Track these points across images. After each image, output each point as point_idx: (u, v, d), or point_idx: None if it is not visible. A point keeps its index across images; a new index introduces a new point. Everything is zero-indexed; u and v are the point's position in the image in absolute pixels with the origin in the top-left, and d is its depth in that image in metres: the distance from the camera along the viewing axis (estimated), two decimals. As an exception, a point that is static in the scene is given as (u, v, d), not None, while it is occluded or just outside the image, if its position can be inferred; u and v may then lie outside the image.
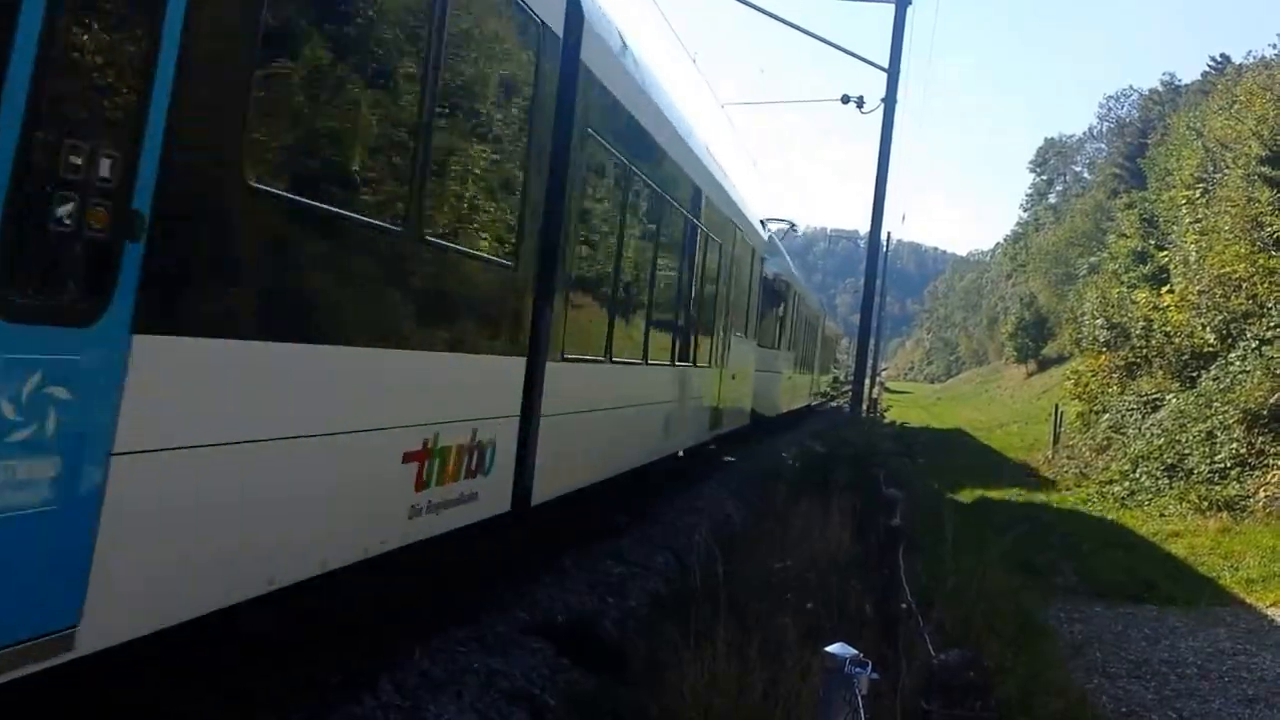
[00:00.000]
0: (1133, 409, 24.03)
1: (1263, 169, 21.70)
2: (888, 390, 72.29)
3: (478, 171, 5.52)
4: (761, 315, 18.97)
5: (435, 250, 4.90)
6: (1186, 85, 61.36)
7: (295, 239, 3.86)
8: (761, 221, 18.56)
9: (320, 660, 5.20)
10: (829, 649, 3.32)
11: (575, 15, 6.66)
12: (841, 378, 66.88)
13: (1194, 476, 17.72)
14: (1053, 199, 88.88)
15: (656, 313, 10.01)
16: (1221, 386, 19.79)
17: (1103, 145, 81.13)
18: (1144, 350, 26.19)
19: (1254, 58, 37.73)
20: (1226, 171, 24.71)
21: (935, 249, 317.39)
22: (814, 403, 38.10)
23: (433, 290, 4.99)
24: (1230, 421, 18.03)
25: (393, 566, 4.88)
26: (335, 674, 5.19)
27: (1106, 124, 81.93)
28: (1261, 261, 20.30)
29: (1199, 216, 25.47)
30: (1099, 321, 31.04)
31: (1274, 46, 32.44)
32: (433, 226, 4.87)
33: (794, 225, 29.26)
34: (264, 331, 3.66)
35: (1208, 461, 17.75)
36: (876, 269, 19.43)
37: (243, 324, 3.55)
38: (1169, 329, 24.50)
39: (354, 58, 4.17)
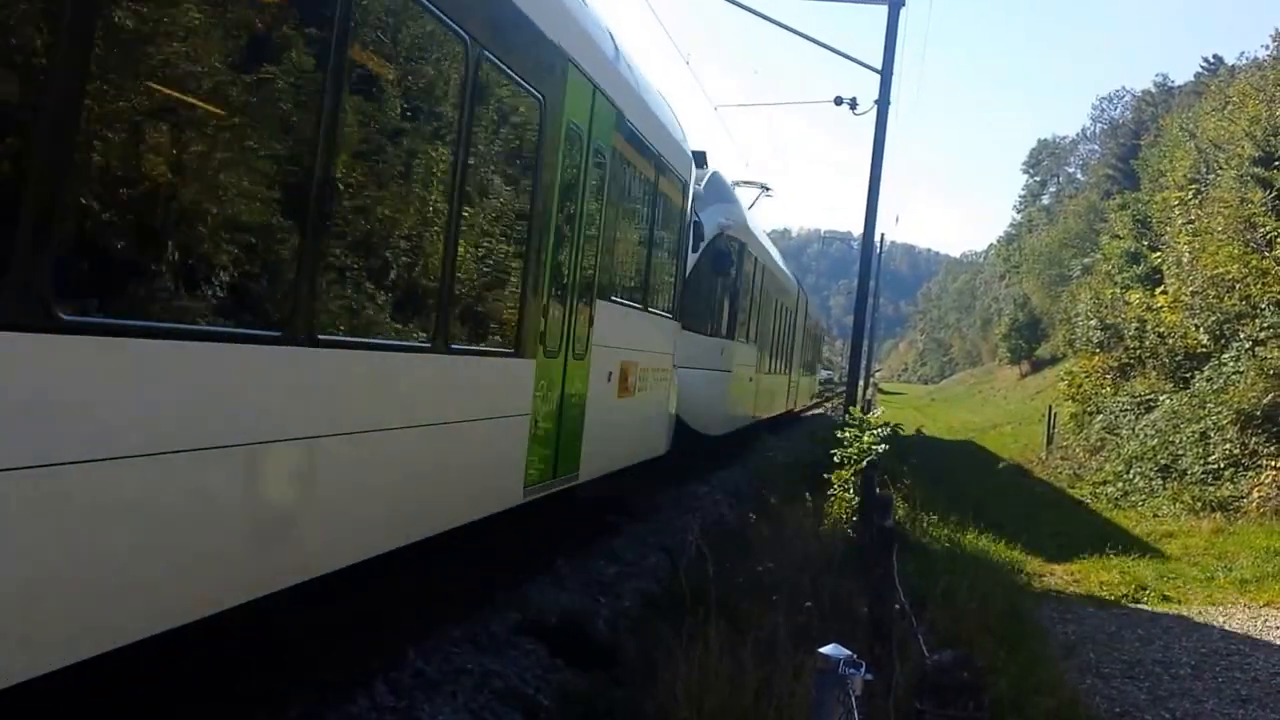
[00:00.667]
0: (1126, 410, 24.09)
1: (1255, 170, 21.74)
2: (881, 392, 72.42)
3: None
4: (699, 287, 13.50)
5: None
6: (1179, 86, 61.70)
7: None
8: (700, 153, 12.27)
9: (316, 661, 5.19)
10: (823, 650, 3.31)
11: None
12: (837, 379, 66.94)
13: (1188, 477, 17.78)
14: (1046, 200, 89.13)
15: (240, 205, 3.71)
16: (1215, 387, 19.83)
17: (1096, 146, 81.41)
18: (1137, 351, 26.25)
19: (1247, 59, 38.06)
20: (1219, 172, 24.76)
21: (929, 250, 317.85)
22: (798, 408, 33.52)
23: None
24: (1224, 422, 18.08)
25: (390, 567, 4.88)
26: (331, 674, 5.19)
27: (1100, 125, 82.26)
28: (1254, 262, 20.33)
29: (1192, 217, 25.51)
30: (1092, 322, 31.12)
31: (1267, 48, 32.47)
32: None
33: (768, 188, 23.21)
34: None
35: (1201, 462, 17.80)
36: (870, 270, 19.43)
37: None
38: (1162, 330, 24.55)
39: None
